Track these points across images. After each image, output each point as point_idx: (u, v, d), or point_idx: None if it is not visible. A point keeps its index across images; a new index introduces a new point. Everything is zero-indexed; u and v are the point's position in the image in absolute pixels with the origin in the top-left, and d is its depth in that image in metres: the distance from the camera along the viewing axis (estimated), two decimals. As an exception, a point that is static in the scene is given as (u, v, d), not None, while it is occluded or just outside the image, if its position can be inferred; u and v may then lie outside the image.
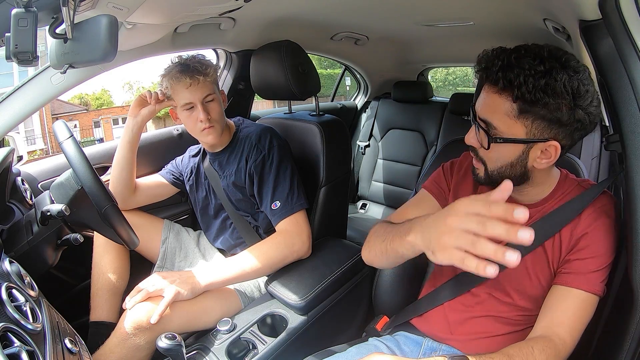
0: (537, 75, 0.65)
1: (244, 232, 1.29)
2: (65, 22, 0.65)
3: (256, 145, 1.21)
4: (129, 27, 1.11)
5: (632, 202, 0.66)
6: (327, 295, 1.12)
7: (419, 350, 0.92)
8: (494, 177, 0.76)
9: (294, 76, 1.30)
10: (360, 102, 2.72)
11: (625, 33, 0.62)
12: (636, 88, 0.63)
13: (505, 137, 0.71)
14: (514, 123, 0.69)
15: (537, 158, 0.72)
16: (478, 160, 0.78)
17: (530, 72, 0.65)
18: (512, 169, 0.74)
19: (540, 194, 0.81)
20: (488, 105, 0.71)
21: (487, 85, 0.71)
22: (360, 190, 2.55)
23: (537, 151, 0.71)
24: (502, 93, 0.69)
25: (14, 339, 0.59)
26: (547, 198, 0.81)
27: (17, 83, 1.18)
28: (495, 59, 0.69)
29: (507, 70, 0.67)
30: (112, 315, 1.21)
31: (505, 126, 0.70)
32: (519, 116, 0.68)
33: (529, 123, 0.69)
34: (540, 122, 0.68)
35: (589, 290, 0.73)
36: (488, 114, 0.71)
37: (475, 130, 0.75)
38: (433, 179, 0.96)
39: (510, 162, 0.73)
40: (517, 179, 0.75)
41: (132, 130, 1.22)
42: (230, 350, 0.97)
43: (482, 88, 0.73)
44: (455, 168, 0.94)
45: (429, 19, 1.61)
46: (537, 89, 0.65)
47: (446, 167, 0.95)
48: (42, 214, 0.94)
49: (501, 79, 0.67)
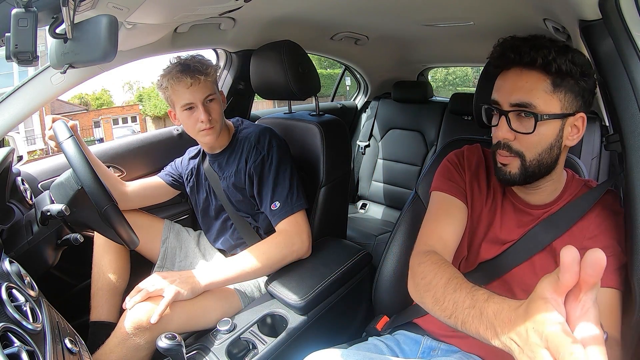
0: (561, 50, 0.70)
1: (244, 233, 1.29)
2: (65, 22, 0.65)
3: (255, 145, 1.20)
4: (129, 27, 1.11)
5: (631, 202, 0.66)
6: (327, 295, 1.11)
7: (418, 349, 0.92)
8: (530, 170, 0.75)
9: (293, 76, 1.30)
10: (360, 102, 2.72)
11: (625, 33, 0.62)
12: (636, 88, 0.63)
13: (550, 114, 0.71)
14: (551, 99, 0.71)
15: (569, 135, 0.74)
16: (512, 154, 0.75)
17: (554, 49, 0.69)
18: (549, 154, 0.74)
19: (552, 195, 0.82)
20: (523, 87, 0.72)
21: (517, 69, 0.73)
22: (360, 190, 2.55)
23: (569, 127, 0.74)
24: (534, 71, 0.71)
25: (14, 339, 0.59)
26: (556, 199, 0.82)
27: (17, 83, 1.18)
28: (521, 44, 0.71)
29: (538, 49, 0.70)
30: (112, 315, 1.21)
31: (545, 103, 0.71)
32: (554, 90, 0.71)
33: (563, 96, 0.71)
34: (570, 95, 0.71)
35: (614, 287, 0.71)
36: (525, 94, 0.71)
37: (507, 121, 0.74)
38: (444, 178, 0.91)
39: (549, 144, 0.74)
40: (549, 167, 0.76)
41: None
42: (230, 350, 0.97)
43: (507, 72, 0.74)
44: (465, 163, 0.91)
45: (429, 19, 1.61)
46: (568, 61, 0.69)
47: (453, 161, 0.92)
48: (42, 214, 0.94)
49: (538, 57, 0.69)
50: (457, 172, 0.90)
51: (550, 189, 0.82)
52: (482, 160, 0.91)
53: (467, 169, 0.90)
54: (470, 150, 0.93)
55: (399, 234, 1.08)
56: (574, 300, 0.44)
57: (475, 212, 0.88)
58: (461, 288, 0.65)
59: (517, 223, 0.84)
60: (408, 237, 1.06)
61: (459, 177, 0.90)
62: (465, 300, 0.62)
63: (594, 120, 1.64)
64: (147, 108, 21.08)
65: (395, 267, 1.06)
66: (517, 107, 0.72)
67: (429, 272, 0.73)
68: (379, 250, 1.21)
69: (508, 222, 0.85)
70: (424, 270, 0.75)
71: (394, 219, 2.21)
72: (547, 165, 0.76)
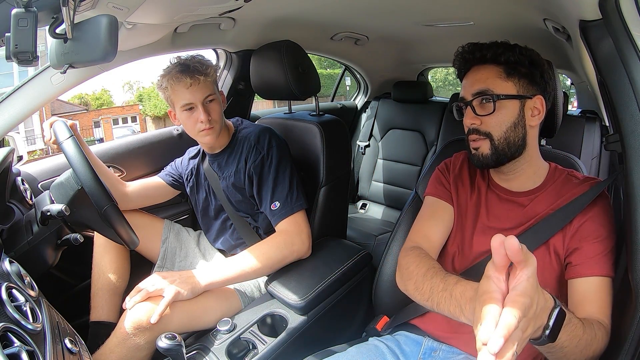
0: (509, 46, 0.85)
1: (244, 233, 1.29)
2: (65, 22, 0.65)
3: (255, 145, 1.20)
4: (129, 27, 1.11)
5: (631, 202, 0.66)
6: (327, 295, 1.11)
7: (419, 350, 0.91)
8: (500, 148, 0.84)
9: (293, 76, 1.30)
10: (360, 102, 2.72)
11: (625, 33, 0.62)
12: (636, 88, 0.63)
13: (506, 94, 0.83)
14: (506, 83, 0.83)
15: (530, 116, 0.84)
16: (481, 135, 0.85)
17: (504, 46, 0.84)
18: (515, 131, 0.84)
19: (532, 180, 0.89)
20: (480, 78, 0.85)
21: (475, 67, 0.87)
22: (360, 190, 2.55)
23: (529, 109, 0.84)
24: (490, 63, 0.84)
25: (14, 339, 0.59)
26: (540, 186, 0.88)
27: (17, 83, 1.18)
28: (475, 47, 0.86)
29: (488, 47, 0.85)
30: (112, 315, 1.21)
31: (501, 87, 0.83)
32: (508, 77, 0.83)
33: (517, 81, 0.83)
34: (524, 80, 0.84)
35: (602, 274, 0.76)
36: (482, 83, 0.84)
37: (472, 110, 0.85)
38: (434, 183, 1.01)
39: (512, 122, 0.83)
40: (518, 147, 0.85)
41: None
42: (230, 350, 0.97)
43: (468, 73, 0.88)
44: (450, 167, 1.01)
45: (429, 19, 1.61)
46: (516, 53, 0.83)
47: (442, 167, 1.02)
48: (42, 214, 0.94)
49: (488, 52, 0.84)
50: (443, 177, 1.00)
51: (527, 173, 0.89)
52: (467, 161, 1.00)
53: (451, 172, 1.00)
54: (456, 156, 1.03)
55: (399, 234, 1.08)
56: (513, 277, 0.53)
57: (462, 208, 0.95)
58: (437, 275, 0.77)
59: (505, 211, 0.89)
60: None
61: (445, 180, 1.00)
62: (439, 284, 0.74)
63: (594, 120, 1.64)
64: (147, 108, 21.08)
65: (395, 267, 1.06)
66: (478, 95, 0.84)
67: (412, 263, 0.85)
68: (379, 250, 1.21)
69: (495, 211, 0.91)
70: (407, 262, 0.87)
71: (394, 219, 2.21)
72: (515, 144, 0.84)
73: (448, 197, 0.97)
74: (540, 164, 0.90)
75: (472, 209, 0.93)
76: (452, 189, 0.97)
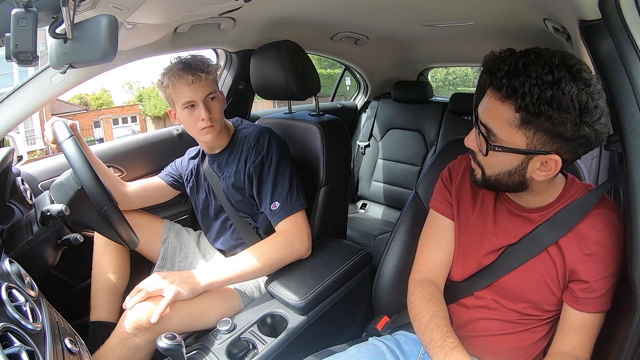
0: (544, 85, 0.61)
1: (244, 233, 1.29)
2: (65, 22, 0.65)
3: (255, 146, 1.20)
4: (129, 27, 1.11)
5: (632, 202, 0.66)
6: (327, 295, 1.11)
7: (419, 350, 0.92)
8: (490, 182, 0.77)
9: (294, 76, 1.30)
10: (360, 102, 2.72)
11: (625, 33, 0.62)
12: (636, 88, 0.63)
13: (504, 146, 0.69)
14: (515, 133, 0.67)
15: (536, 170, 0.70)
16: (476, 163, 0.78)
17: (537, 81, 0.61)
18: (509, 178, 0.73)
19: (544, 201, 0.79)
20: (490, 111, 0.69)
21: (490, 91, 0.68)
22: (360, 190, 2.55)
23: (537, 163, 0.70)
24: (505, 100, 0.66)
25: (14, 339, 0.59)
26: (554, 202, 0.79)
27: (17, 83, 1.18)
28: (501, 63, 0.65)
29: (512, 77, 0.63)
30: (112, 315, 1.21)
31: (506, 135, 0.68)
32: (521, 126, 0.66)
33: (531, 134, 0.66)
34: (542, 135, 0.66)
35: (601, 311, 0.76)
36: (489, 119, 0.70)
37: (476, 133, 0.73)
38: (438, 196, 0.95)
39: (508, 170, 0.72)
40: (515, 187, 0.75)
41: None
42: (230, 350, 0.97)
43: (488, 89, 0.70)
44: (453, 174, 0.93)
45: (429, 19, 1.61)
46: (542, 101, 0.61)
47: (445, 177, 0.95)
48: (42, 214, 0.94)
49: (505, 86, 0.64)
50: (445, 188, 0.94)
51: (535, 200, 0.79)
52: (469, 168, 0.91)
53: (453, 181, 0.93)
54: (459, 161, 0.94)
55: (399, 234, 1.08)
56: None
57: (462, 222, 0.90)
58: (438, 329, 0.80)
59: (515, 226, 0.82)
60: (408, 237, 1.06)
61: (447, 192, 0.93)
62: (438, 341, 0.78)
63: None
64: (147, 108, 21.08)
65: (395, 267, 1.07)
66: (483, 126, 0.71)
67: (418, 304, 0.87)
68: (379, 250, 1.21)
69: (503, 226, 0.84)
70: (414, 301, 0.89)
71: (394, 219, 2.21)
72: (508, 186, 0.75)
73: (450, 213, 0.92)
74: (553, 183, 0.78)
75: (474, 225, 0.88)
76: (454, 201, 0.91)
